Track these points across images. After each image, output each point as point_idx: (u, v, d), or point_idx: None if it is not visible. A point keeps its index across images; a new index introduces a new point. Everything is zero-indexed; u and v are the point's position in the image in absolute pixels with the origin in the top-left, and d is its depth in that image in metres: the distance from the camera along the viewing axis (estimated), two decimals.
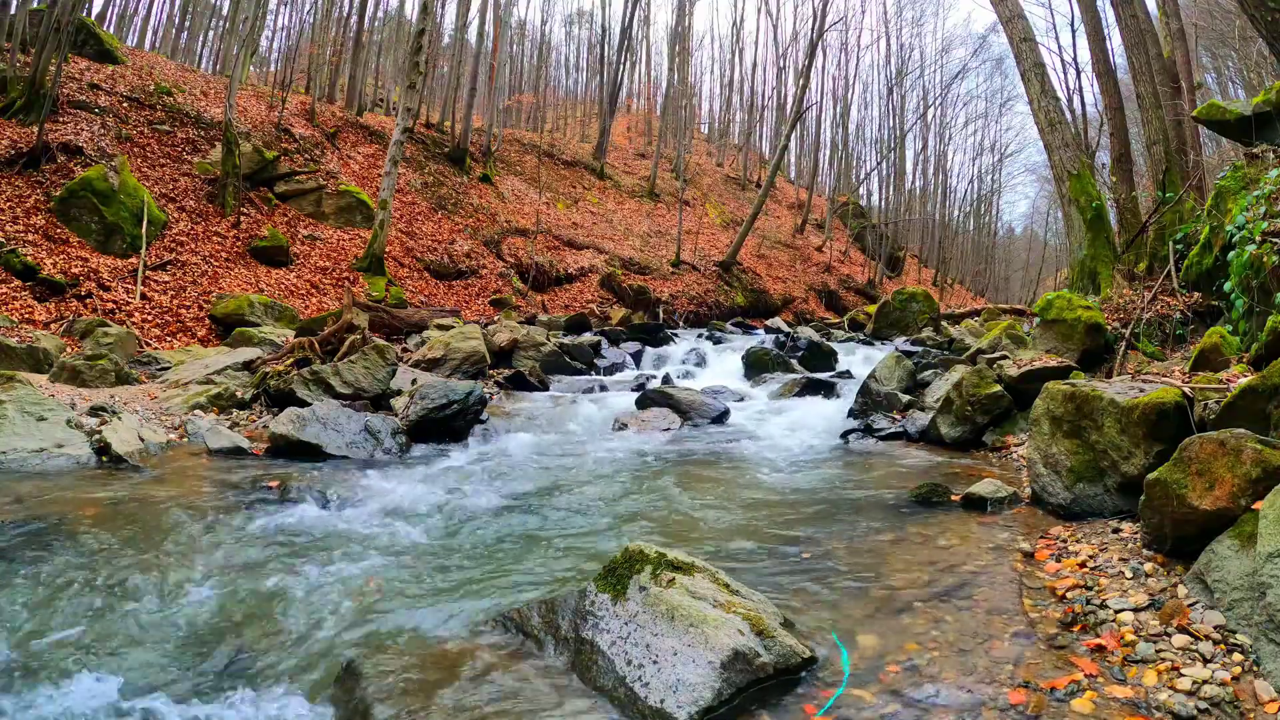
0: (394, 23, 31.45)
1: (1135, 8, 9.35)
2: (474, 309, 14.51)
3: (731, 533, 3.24)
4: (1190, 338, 5.73)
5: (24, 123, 11.04)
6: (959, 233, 41.24)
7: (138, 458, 4.25)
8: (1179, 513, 2.37)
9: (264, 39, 27.68)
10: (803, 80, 23.16)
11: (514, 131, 26.57)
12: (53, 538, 2.94)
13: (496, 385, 7.26)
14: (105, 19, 22.03)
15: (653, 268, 19.96)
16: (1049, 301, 6.44)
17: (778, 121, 33.71)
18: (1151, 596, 2.25)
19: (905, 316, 13.49)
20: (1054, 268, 36.24)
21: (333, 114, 18.81)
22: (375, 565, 2.84)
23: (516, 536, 3.22)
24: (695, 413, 6.06)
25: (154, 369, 6.96)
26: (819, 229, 30.89)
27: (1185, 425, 2.96)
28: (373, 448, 4.80)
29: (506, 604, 2.42)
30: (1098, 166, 15.01)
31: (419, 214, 17.02)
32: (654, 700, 1.80)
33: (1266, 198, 4.71)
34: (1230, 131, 6.52)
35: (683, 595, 2.06)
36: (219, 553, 2.87)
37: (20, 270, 8.47)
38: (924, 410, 5.63)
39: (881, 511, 3.47)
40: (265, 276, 11.44)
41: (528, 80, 35.71)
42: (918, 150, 35.84)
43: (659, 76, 40.38)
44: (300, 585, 2.61)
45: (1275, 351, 3.78)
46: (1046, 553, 2.75)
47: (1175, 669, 1.88)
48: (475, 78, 21.89)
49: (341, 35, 23.40)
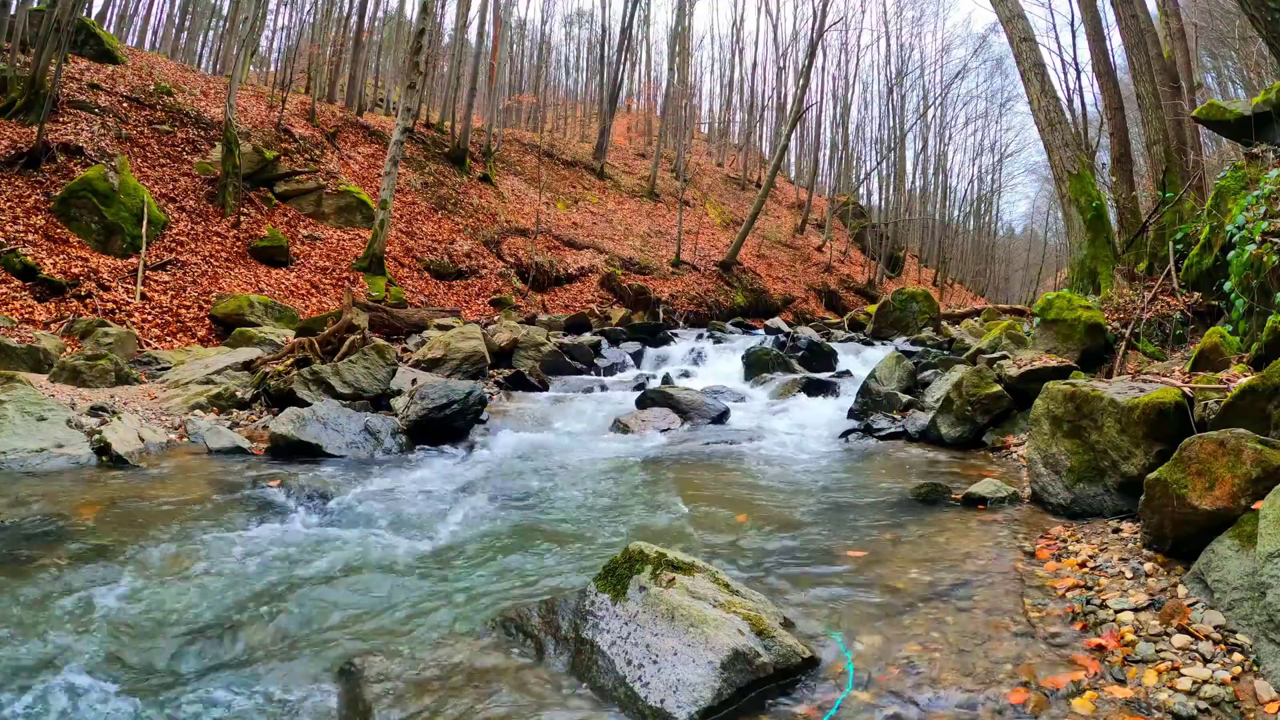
0: (394, 23, 31.45)
1: (1135, 8, 9.34)
2: (474, 309, 14.51)
3: (731, 532, 3.24)
4: (1190, 338, 5.72)
5: (24, 123, 11.04)
6: (959, 233, 41.25)
7: (138, 458, 4.25)
8: (1179, 513, 2.37)
9: (264, 39, 27.70)
10: (803, 80, 23.15)
11: (514, 131, 26.54)
12: (53, 538, 2.95)
13: (496, 385, 7.26)
14: (105, 19, 22.03)
15: (653, 268, 19.95)
16: (1049, 301, 6.44)
17: (778, 121, 33.68)
18: (1151, 596, 2.25)
19: (905, 316, 13.47)
20: (1054, 268, 36.27)
21: (333, 114, 18.80)
22: (375, 565, 2.84)
23: (516, 536, 3.22)
24: (695, 413, 6.06)
25: (154, 369, 6.96)
26: (819, 229, 30.87)
27: (1185, 425, 2.96)
28: (373, 448, 4.80)
29: (506, 604, 2.42)
30: (1098, 166, 15.01)
31: (419, 214, 17.02)
32: (654, 700, 1.80)
33: (1266, 198, 4.70)
34: (1230, 131, 6.52)
35: (683, 595, 2.06)
36: (219, 553, 2.87)
37: (20, 270, 8.47)
38: (924, 410, 5.63)
39: (882, 511, 3.47)
40: (265, 276, 11.44)
41: (528, 80, 35.67)
42: (918, 150, 35.87)
43: (659, 76, 40.38)
44: (300, 585, 2.61)
45: (1275, 351, 3.78)
46: (1047, 552, 2.75)
47: (1175, 669, 1.88)
48: (475, 78, 21.90)
49: (341, 35, 23.39)
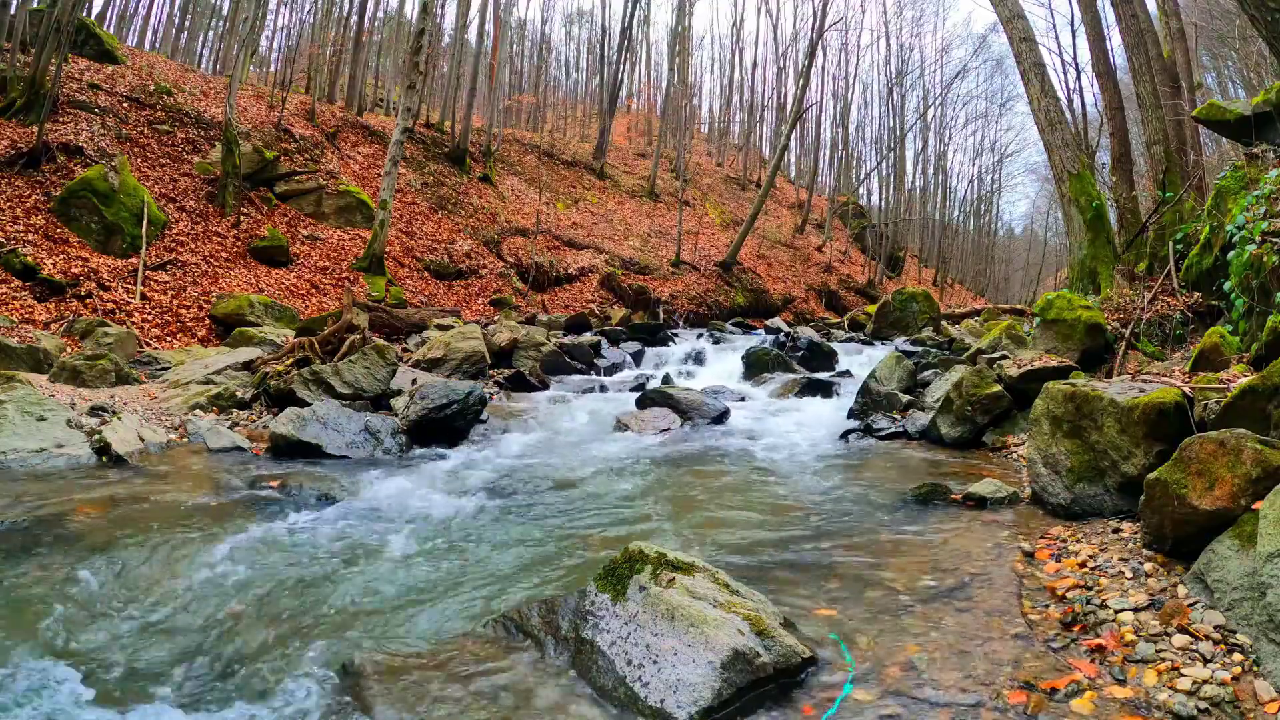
0: (394, 23, 31.43)
1: (1135, 8, 9.34)
2: (474, 309, 14.50)
3: (731, 532, 3.24)
4: (1190, 338, 5.72)
5: (24, 123, 11.04)
6: (959, 233, 41.24)
7: (138, 458, 4.25)
8: (1179, 513, 2.37)
9: (264, 39, 27.69)
10: (803, 80, 23.15)
11: (514, 131, 26.54)
12: (53, 537, 2.95)
13: (497, 385, 7.26)
14: (105, 19, 22.02)
15: (653, 268, 19.95)
16: (1049, 301, 6.44)
17: (778, 121, 33.67)
18: (1151, 596, 2.25)
19: (905, 316, 13.47)
20: (1054, 268, 36.28)
21: (333, 114, 18.80)
22: (375, 565, 2.84)
23: (516, 536, 3.22)
24: (695, 413, 6.06)
25: (154, 369, 6.96)
26: (819, 229, 30.87)
27: (1185, 425, 2.96)
28: (373, 448, 4.80)
29: (506, 604, 2.42)
30: (1098, 166, 15.00)
31: (419, 214, 17.01)
32: (654, 700, 1.80)
33: (1266, 198, 4.70)
34: (1230, 131, 6.52)
35: (683, 595, 2.06)
36: (218, 553, 2.87)
37: (20, 270, 8.47)
38: (924, 410, 5.63)
39: (881, 511, 3.47)
40: (265, 276, 11.43)
41: (528, 80, 35.66)
42: (918, 150, 35.86)
43: (659, 76, 40.38)
44: (300, 585, 2.62)
45: (1275, 351, 3.78)
46: (1046, 553, 2.75)
47: (1175, 669, 1.88)
48: (475, 78, 21.89)
49: (341, 35, 23.38)
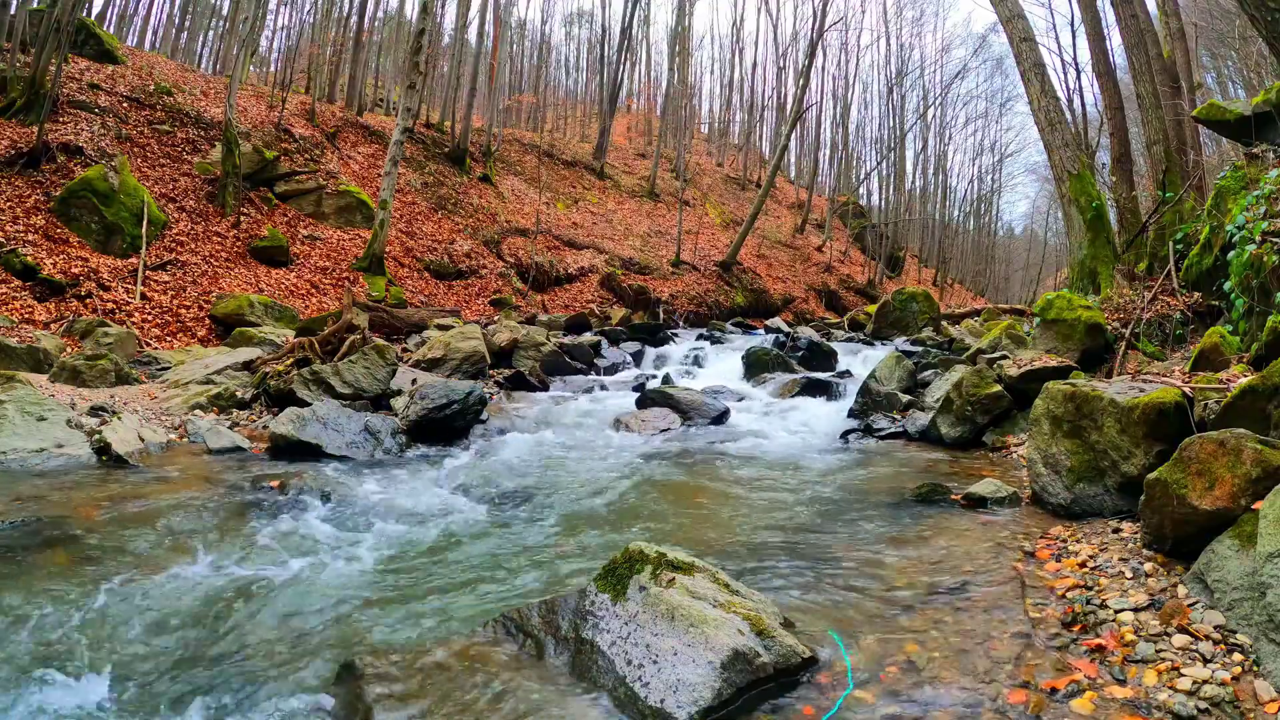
0: (394, 23, 31.43)
1: (1135, 8, 9.34)
2: (474, 309, 14.50)
3: (731, 532, 3.24)
4: (1190, 338, 5.72)
5: (24, 123, 11.04)
6: (959, 233, 41.22)
7: (138, 458, 4.25)
8: (1179, 513, 2.37)
9: (264, 39, 27.69)
10: (803, 80, 23.14)
11: (514, 131, 26.54)
12: (53, 537, 2.94)
13: (496, 385, 7.26)
14: (105, 19, 22.01)
15: (653, 268, 19.94)
16: (1049, 301, 6.44)
17: (778, 121, 33.66)
18: (1151, 596, 2.25)
19: (905, 316, 13.47)
20: (1054, 268, 36.27)
21: (333, 114, 18.80)
22: (375, 565, 2.84)
23: (516, 536, 3.22)
24: (695, 412, 6.06)
25: (154, 369, 6.95)
26: (819, 229, 30.86)
27: (1185, 425, 2.96)
28: (373, 448, 4.80)
29: (506, 604, 2.42)
30: (1098, 166, 15.00)
31: (419, 214, 17.01)
32: (654, 700, 1.80)
33: (1266, 198, 4.70)
34: (1230, 131, 6.52)
35: (683, 595, 2.05)
36: (219, 552, 2.87)
37: (20, 270, 8.47)
38: (924, 410, 5.63)
39: (882, 511, 3.47)
40: (265, 276, 11.43)
41: (528, 80, 35.65)
42: (918, 150, 35.84)
43: (659, 76, 40.35)
44: (300, 585, 2.62)
45: (1275, 351, 3.78)
46: (1047, 552, 2.75)
47: (1175, 669, 1.88)
48: (475, 78, 21.88)
49: (341, 35, 23.37)
